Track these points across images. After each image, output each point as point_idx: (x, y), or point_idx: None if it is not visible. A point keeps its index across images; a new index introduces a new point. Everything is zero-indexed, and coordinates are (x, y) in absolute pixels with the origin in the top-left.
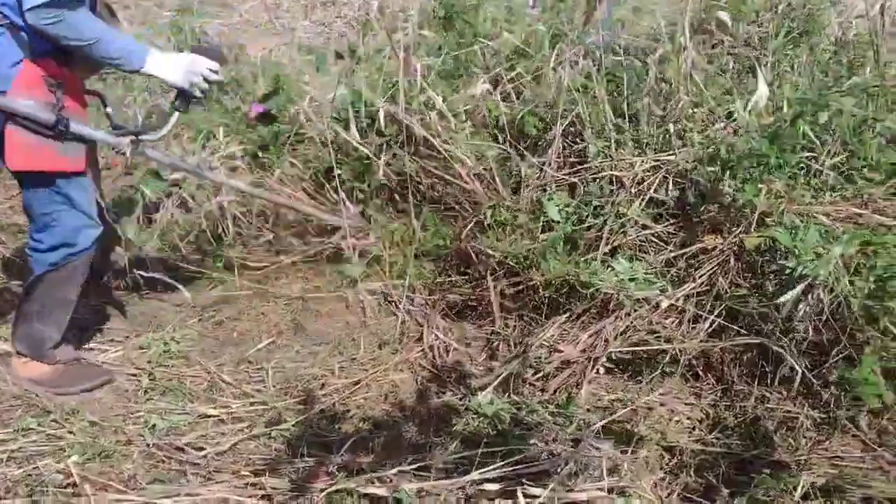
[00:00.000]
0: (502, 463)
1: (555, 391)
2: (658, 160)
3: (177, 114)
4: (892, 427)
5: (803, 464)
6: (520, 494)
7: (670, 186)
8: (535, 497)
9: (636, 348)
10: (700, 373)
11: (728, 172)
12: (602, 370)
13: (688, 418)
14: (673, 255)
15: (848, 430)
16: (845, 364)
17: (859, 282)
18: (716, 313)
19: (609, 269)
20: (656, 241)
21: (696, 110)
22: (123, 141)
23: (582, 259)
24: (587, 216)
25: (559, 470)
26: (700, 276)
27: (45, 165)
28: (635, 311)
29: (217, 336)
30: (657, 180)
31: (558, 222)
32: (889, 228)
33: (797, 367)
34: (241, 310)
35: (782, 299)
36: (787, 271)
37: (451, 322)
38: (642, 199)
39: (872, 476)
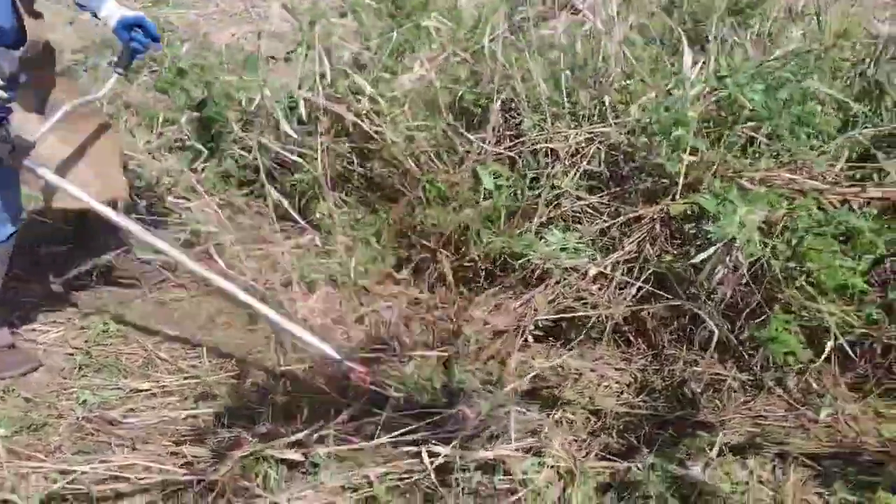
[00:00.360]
0: (422, 424)
1: (486, 360)
2: (592, 132)
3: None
4: (816, 385)
5: (726, 423)
6: (424, 454)
7: (602, 158)
8: (437, 455)
9: (563, 315)
10: (631, 339)
11: (659, 143)
12: (532, 339)
13: (616, 383)
14: (606, 224)
15: (774, 391)
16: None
17: (780, 244)
18: (642, 279)
19: (542, 240)
20: (591, 212)
21: (628, 82)
22: (2, 149)
23: (517, 231)
24: (523, 188)
25: (479, 432)
26: (629, 244)
27: None
28: (564, 279)
29: (159, 316)
30: (591, 152)
31: (492, 192)
32: (821, 192)
33: (715, 329)
34: (184, 292)
35: (696, 259)
36: (708, 235)
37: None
38: (577, 171)
39: (794, 434)
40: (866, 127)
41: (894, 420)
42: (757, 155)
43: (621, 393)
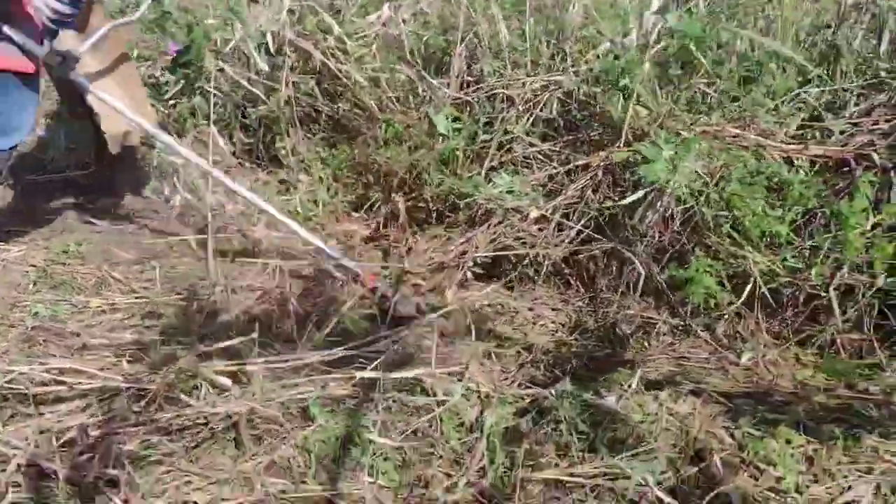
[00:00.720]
0: (353, 345)
1: (426, 292)
2: (547, 80)
3: None
4: (742, 332)
5: (649, 361)
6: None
7: (554, 105)
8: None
9: (503, 253)
10: (571, 281)
11: (609, 91)
12: (472, 276)
13: (552, 322)
14: (555, 171)
15: (701, 335)
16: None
17: (714, 193)
18: (581, 224)
19: (491, 182)
20: (542, 158)
21: (584, 32)
22: (45, 50)
23: (468, 174)
24: (476, 132)
25: (405, 356)
26: (572, 190)
27: None
28: (507, 220)
29: (120, 242)
30: (545, 99)
31: (445, 135)
32: (764, 147)
33: (642, 270)
34: (148, 225)
35: (626, 200)
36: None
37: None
38: (530, 117)
39: (713, 374)
40: (819, 88)
41: (810, 366)
42: (710, 110)
43: (556, 332)
